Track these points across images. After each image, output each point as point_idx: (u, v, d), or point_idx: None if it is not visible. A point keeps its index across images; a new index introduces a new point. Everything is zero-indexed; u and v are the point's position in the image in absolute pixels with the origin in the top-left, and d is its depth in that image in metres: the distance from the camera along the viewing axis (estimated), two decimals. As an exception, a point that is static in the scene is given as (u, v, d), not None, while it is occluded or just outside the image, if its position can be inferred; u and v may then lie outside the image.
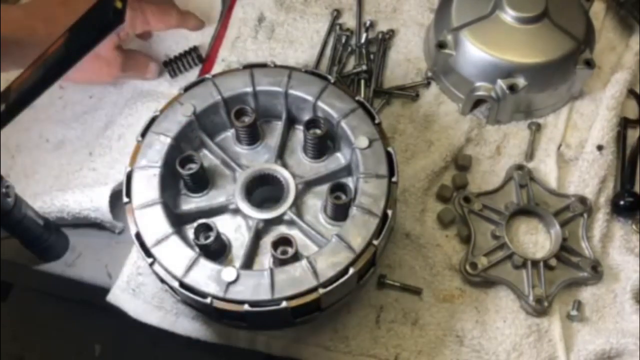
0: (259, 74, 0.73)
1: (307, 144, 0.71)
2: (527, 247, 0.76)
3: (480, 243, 0.75)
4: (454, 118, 0.84)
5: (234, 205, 0.69)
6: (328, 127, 0.70)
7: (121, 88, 0.87)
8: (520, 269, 0.73)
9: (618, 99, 0.83)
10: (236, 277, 0.62)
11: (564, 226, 0.75)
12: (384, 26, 0.91)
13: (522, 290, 0.72)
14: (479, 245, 0.74)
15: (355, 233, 0.63)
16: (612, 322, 0.73)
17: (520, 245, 0.76)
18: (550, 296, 0.72)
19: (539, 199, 0.77)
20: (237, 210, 0.69)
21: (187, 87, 0.73)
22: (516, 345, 0.70)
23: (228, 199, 0.70)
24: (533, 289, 0.72)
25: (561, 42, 0.80)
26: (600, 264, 0.74)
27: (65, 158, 0.83)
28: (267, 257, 0.67)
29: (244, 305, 0.61)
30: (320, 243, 0.66)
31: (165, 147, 0.69)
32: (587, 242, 0.75)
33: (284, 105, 0.73)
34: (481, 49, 0.80)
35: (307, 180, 0.70)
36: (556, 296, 0.72)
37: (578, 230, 0.76)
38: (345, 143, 0.71)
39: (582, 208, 0.76)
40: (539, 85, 0.80)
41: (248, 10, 0.92)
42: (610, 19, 0.92)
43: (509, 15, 0.81)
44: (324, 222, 0.69)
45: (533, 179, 0.78)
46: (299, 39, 0.90)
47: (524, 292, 0.72)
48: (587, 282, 0.74)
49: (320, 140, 0.70)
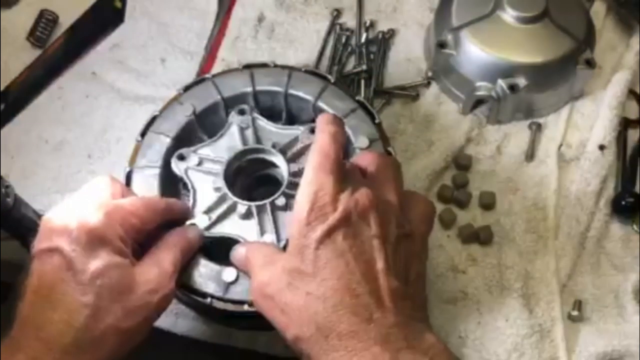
0: (259, 74, 0.73)
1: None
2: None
3: (201, 200, 0.66)
4: (454, 118, 0.84)
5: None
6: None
7: (119, 90, 0.87)
8: (248, 218, 0.65)
9: (619, 98, 0.83)
10: (236, 277, 0.62)
11: (294, 161, 0.67)
12: (384, 26, 0.91)
13: (250, 241, 0.64)
14: (199, 203, 0.66)
15: (356, 233, 0.63)
16: (613, 322, 0.73)
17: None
18: (282, 240, 0.63)
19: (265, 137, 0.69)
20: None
21: (186, 87, 0.73)
22: (517, 346, 0.70)
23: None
24: (263, 236, 0.64)
25: (562, 41, 0.80)
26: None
27: (64, 160, 0.82)
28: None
29: (244, 305, 0.61)
30: None
31: (164, 147, 0.69)
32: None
33: (284, 105, 0.73)
34: (482, 48, 0.80)
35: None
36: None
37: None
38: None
39: (313, 137, 0.65)
40: (539, 85, 0.80)
41: (248, 10, 0.92)
42: (610, 18, 0.91)
43: (510, 15, 0.80)
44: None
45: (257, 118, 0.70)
46: (299, 39, 0.90)
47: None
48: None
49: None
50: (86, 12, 0.88)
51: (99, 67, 0.88)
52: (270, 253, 0.59)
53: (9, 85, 0.83)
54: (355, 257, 0.53)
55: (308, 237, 0.53)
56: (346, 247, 0.53)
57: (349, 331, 0.51)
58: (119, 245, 0.57)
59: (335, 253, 0.53)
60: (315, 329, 0.52)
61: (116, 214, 0.58)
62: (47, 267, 0.55)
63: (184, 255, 0.61)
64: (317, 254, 0.53)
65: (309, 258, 0.53)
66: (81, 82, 0.87)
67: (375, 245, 0.54)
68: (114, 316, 0.54)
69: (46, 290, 0.54)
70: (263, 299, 0.55)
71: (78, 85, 0.87)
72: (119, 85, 0.87)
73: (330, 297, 0.52)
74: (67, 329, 0.53)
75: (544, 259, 0.75)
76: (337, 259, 0.53)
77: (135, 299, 0.56)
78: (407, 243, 0.57)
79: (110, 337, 0.54)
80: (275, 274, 0.55)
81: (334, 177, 0.55)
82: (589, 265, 0.76)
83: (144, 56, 0.90)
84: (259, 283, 0.56)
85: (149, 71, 0.88)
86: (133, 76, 0.88)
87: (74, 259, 0.54)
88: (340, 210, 0.54)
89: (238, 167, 0.69)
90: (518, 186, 0.80)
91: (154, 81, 0.88)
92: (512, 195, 0.79)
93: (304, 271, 0.53)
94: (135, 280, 0.56)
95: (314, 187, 0.55)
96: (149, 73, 0.88)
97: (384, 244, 0.54)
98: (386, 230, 0.55)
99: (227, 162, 0.67)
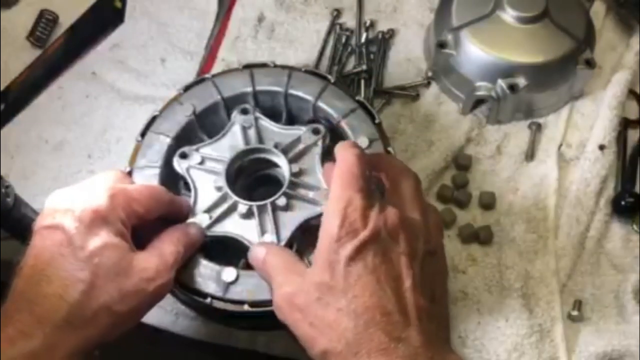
0: (259, 73, 0.73)
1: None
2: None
3: (202, 199, 0.66)
4: (454, 118, 0.84)
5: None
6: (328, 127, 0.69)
7: (119, 90, 0.87)
8: (248, 218, 0.65)
9: (619, 98, 0.83)
10: (236, 277, 0.62)
11: (295, 161, 0.67)
12: (384, 26, 0.91)
13: (250, 240, 0.64)
14: (200, 202, 0.66)
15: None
16: (613, 322, 0.73)
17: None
18: (282, 241, 0.63)
19: (267, 137, 0.69)
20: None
21: (186, 87, 0.73)
22: (517, 346, 0.70)
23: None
24: (263, 235, 0.64)
25: (562, 41, 0.80)
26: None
27: (64, 160, 0.83)
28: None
29: (244, 305, 0.61)
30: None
31: (164, 147, 0.69)
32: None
33: (284, 105, 0.73)
34: (481, 48, 0.80)
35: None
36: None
37: (314, 163, 0.67)
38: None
39: (315, 138, 0.68)
40: (539, 85, 0.80)
41: (248, 10, 0.92)
42: (610, 18, 0.92)
43: (510, 15, 0.81)
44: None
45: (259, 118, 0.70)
46: (299, 39, 0.90)
47: (252, 242, 0.64)
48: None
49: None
50: (86, 12, 0.88)
51: (99, 67, 0.88)
52: (292, 261, 0.58)
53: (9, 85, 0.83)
54: (385, 274, 0.53)
55: (338, 253, 0.53)
56: (376, 264, 0.53)
57: (379, 349, 0.51)
58: (121, 227, 0.57)
59: (366, 270, 0.53)
60: (345, 345, 0.52)
61: (121, 197, 0.58)
62: (47, 242, 0.55)
63: (185, 249, 0.61)
64: (347, 270, 0.53)
65: (339, 274, 0.53)
66: (81, 82, 0.87)
67: (403, 263, 0.54)
68: (109, 297, 0.54)
69: (43, 264, 0.54)
70: (289, 309, 0.55)
71: (78, 85, 0.87)
72: (119, 85, 0.87)
73: (362, 314, 0.52)
74: (60, 303, 0.53)
75: (544, 259, 0.75)
76: (368, 276, 0.53)
77: (130, 283, 0.56)
78: (432, 260, 0.57)
79: (103, 318, 0.54)
80: (303, 286, 0.55)
81: (362, 194, 0.55)
82: (589, 265, 0.76)
83: (144, 56, 0.90)
84: (285, 293, 0.56)
85: (149, 71, 0.89)
86: (133, 76, 0.88)
87: (74, 236, 0.55)
88: (371, 227, 0.54)
89: (240, 166, 0.69)
90: (518, 186, 0.80)
91: (154, 81, 0.88)
92: (512, 195, 0.80)
93: (334, 287, 0.53)
94: (132, 264, 0.56)
95: (343, 204, 0.55)
96: (149, 73, 0.88)
97: (412, 262, 0.54)
98: (414, 248, 0.55)
99: (228, 162, 0.67)
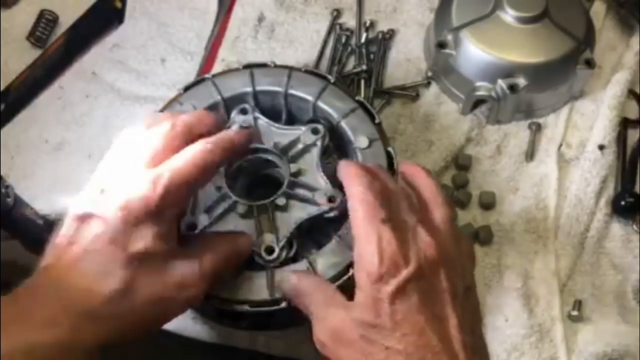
0: (259, 73, 0.73)
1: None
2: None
3: (202, 199, 0.66)
4: (454, 118, 0.84)
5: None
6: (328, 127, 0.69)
7: (119, 90, 0.87)
8: (248, 218, 0.65)
9: (619, 98, 0.83)
10: (236, 277, 0.62)
11: (295, 161, 0.67)
12: (384, 26, 0.91)
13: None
14: (200, 202, 0.66)
15: (356, 233, 0.63)
16: (613, 322, 0.73)
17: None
18: (281, 241, 0.63)
19: (266, 137, 0.69)
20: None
21: (186, 87, 0.73)
22: (517, 346, 0.70)
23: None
24: (262, 235, 0.63)
25: (561, 41, 0.80)
26: (337, 193, 0.64)
27: (64, 160, 0.82)
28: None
29: (244, 305, 0.61)
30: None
31: None
32: (323, 173, 0.67)
33: (284, 105, 0.73)
34: (481, 48, 0.80)
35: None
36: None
37: (313, 163, 0.67)
38: (345, 143, 0.71)
39: (314, 138, 0.68)
40: (539, 85, 0.80)
41: (248, 10, 0.92)
42: (610, 18, 0.92)
43: (509, 15, 0.80)
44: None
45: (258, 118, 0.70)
46: (299, 39, 0.90)
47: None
48: (324, 215, 0.65)
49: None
50: (86, 12, 0.88)
51: (99, 67, 0.88)
52: (331, 293, 0.57)
53: (9, 85, 0.83)
54: (432, 313, 0.52)
55: (381, 291, 0.52)
56: (422, 302, 0.52)
57: None
58: (167, 226, 0.55)
59: (412, 308, 0.52)
60: None
61: (173, 188, 0.54)
62: (86, 233, 0.54)
63: (227, 262, 0.59)
64: (393, 308, 0.52)
65: (384, 312, 0.52)
66: (81, 82, 0.87)
67: (447, 300, 0.54)
68: (139, 299, 0.54)
69: (78, 256, 0.54)
70: (336, 344, 0.54)
71: (78, 85, 0.87)
72: (119, 85, 0.87)
73: (413, 353, 0.51)
74: (90, 297, 0.52)
75: (544, 259, 0.75)
76: (415, 315, 0.52)
77: (162, 289, 0.55)
78: (470, 295, 0.57)
79: (127, 318, 0.54)
80: (346, 321, 0.54)
81: (389, 224, 0.54)
82: (589, 265, 0.76)
83: (144, 56, 0.90)
84: (332, 327, 0.54)
85: (149, 71, 0.88)
86: (133, 76, 0.88)
87: (116, 233, 0.53)
88: (413, 264, 0.53)
89: (239, 166, 0.69)
90: (518, 186, 0.80)
91: (154, 81, 0.88)
92: (512, 195, 0.80)
93: (379, 325, 0.52)
94: (167, 271, 0.55)
95: (374, 240, 0.53)
96: (149, 73, 0.88)
97: (454, 299, 0.54)
98: (454, 285, 0.54)
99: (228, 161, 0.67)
